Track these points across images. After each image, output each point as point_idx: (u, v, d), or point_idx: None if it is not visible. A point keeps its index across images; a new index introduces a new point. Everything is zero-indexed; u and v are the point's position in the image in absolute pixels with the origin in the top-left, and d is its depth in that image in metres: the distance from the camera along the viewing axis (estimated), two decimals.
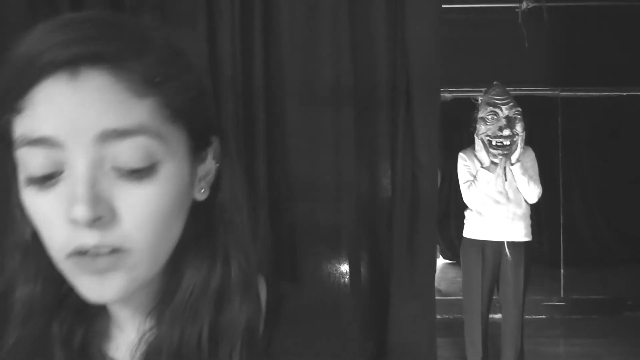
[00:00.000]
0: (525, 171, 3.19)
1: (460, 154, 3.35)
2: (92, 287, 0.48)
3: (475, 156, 3.27)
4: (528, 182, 3.19)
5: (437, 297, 3.41)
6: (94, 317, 0.56)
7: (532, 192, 3.21)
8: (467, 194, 3.27)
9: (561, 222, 5.90)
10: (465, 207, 3.39)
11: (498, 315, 3.62)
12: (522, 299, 3.32)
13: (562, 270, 5.65)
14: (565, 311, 5.40)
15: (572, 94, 6.29)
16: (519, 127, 3.17)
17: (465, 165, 3.29)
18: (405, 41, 2.20)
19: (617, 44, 5.19)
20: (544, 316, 5.28)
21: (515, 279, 3.27)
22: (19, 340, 0.52)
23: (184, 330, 0.52)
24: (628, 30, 5.13)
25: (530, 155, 3.29)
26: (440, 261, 7.41)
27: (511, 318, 3.35)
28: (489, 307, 3.38)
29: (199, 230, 0.54)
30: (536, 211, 3.46)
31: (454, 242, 6.83)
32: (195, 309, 0.52)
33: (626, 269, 5.96)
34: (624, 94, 6.22)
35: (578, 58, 5.31)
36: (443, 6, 2.76)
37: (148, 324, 0.54)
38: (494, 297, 3.41)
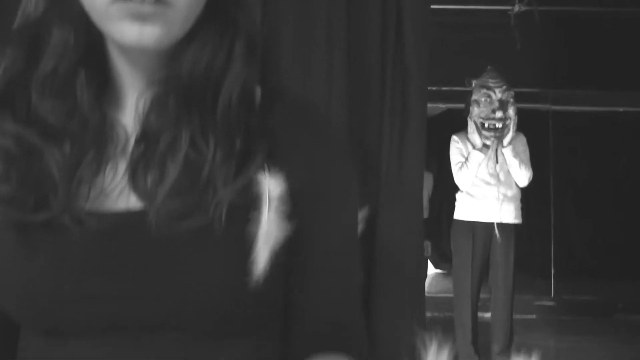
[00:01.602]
0: (516, 154, 3.23)
1: (453, 137, 3.39)
2: (133, 32, 0.52)
3: (468, 138, 3.32)
4: (519, 165, 3.23)
5: (427, 295, 3.41)
6: (106, 83, 0.60)
7: (523, 175, 3.25)
8: (458, 176, 3.30)
9: (552, 228, 5.94)
10: (457, 190, 3.42)
11: (488, 314, 3.62)
12: (512, 282, 3.33)
13: (552, 270, 5.67)
14: (556, 311, 5.40)
15: (564, 107, 6.38)
16: (511, 111, 3.22)
17: (457, 147, 3.33)
18: (400, 45, 2.29)
19: (609, 48, 5.27)
20: (534, 316, 5.28)
21: (505, 261, 3.29)
22: (52, 71, 0.56)
23: (191, 84, 0.56)
24: (619, 35, 5.22)
25: (522, 140, 3.34)
26: (432, 270, 7.40)
27: (501, 302, 3.36)
28: (479, 290, 3.39)
29: (212, 8, 0.58)
30: (527, 219, 3.50)
31: (445, 252, 6.84)
32: (201, 72, 0.57)
33: (617, 274, 5.98)
34: (620, 109, 6.32)
35: (569, 61, 5.39)
36: (435, 7, 2.83)
37: (154, 86, 0.58)
38: (482, 295, 3.43)
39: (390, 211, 2.30)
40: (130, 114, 0.59)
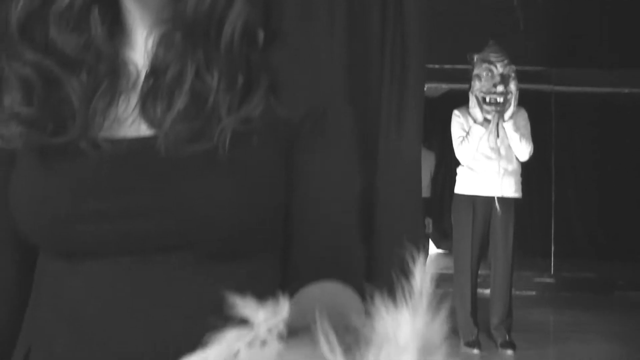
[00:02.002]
0: (517, 129, 3.25)
1: (455, 111, 3.41)
2: None
3: (469, 113, 3.33)
4: (520, 139, 3.25)
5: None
6: (118, 23, 0.64)
7: (524, 149, 3.28)
8: (460, 150, 3.33)
9: (552, 207, 5.97)
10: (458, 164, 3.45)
11: (487, 291, 3.66)
12: (511, 254, 3.38)
13: (552, 248, 5.71)
14: (555, 288, 5.45)
15: (567, 88, 6.37)
16: (512, 86, 3.24)
17: (458, 121, 3.36)
18: (400, 22, 2.30)
19: (613, 27, 5.26)
20: (533, 292, 5.33)
21: (505, 234, 3.33)
22: (68, 6, 0.60)
23: (195, 21, 0.59)
24: (623, 14, 5.20)
25: (523, 115, 3.36)
26: (433, 250, 7.44)
27: (500, 275, 3.40)
28: (478, 263, 3.43)
29: None
30: (528, 198, 3.50)
31: (447, 231, 6.88)
32: (205, 10, 0.59)
33: (617, 252, 6.01)
34: (625, 90, 6.30)
35: (572, 40, 5.37)
36: None
37: (162, 24, 0.61)
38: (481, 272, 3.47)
39: (388, 189, 2.33)
40: (140, 52, 0.62)
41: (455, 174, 3.52)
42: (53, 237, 0.59)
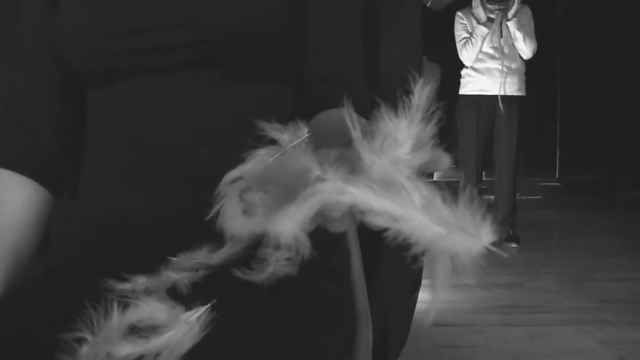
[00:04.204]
0: (521, 27, 3.24)
1: (458, 13, 3.39)
2: None
3: (472, 14, 3.31)
4: (524, 37, 3.25)
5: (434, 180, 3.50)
6: None
7: (528, 47, 3.28)
8: (463, 52, 3.34)
9: (558, 109, 5.99)
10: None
11: (493, 197, 3.75)
12: (515, 153, 3.45)
13: (557, 152, 5.78)
14: (561, 191, 5.57)
15: None
16: None
17: (461, 23, 3.34)
18: None
19: None
20: (539, 196, 5.45)
21: (509, 134, 3.39)
22: None
23: None
24: None
25: (527, 12, 3.33)
26: None
27: (504, 174, 3.48)
28: (483, 165, 3.51)
29: None
30: (534, 103, 3.48)
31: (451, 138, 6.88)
32: None
33: (622, 154, 6.07)
34: None
35: None
36: None
37: None
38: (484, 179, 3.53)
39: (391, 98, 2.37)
40: None
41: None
42: (96, 56, 0.69)
